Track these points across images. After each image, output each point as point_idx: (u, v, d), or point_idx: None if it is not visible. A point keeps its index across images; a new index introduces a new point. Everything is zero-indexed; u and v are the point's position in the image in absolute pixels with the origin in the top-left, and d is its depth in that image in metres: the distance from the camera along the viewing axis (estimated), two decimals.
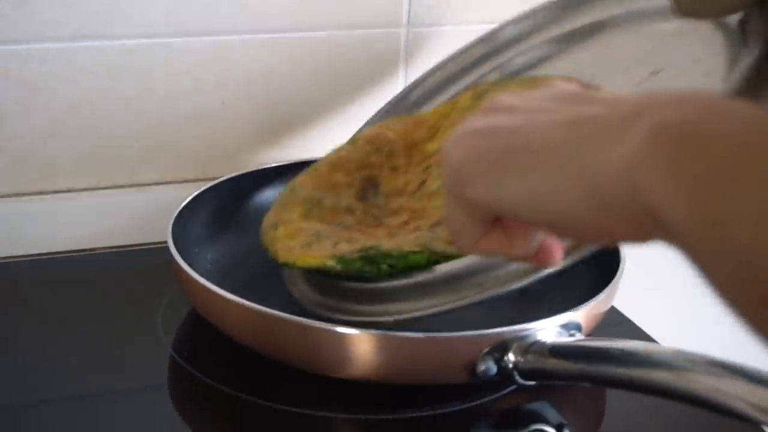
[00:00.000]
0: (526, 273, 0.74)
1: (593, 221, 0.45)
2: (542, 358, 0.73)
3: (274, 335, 0.76)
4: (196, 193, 0.93)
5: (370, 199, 0.85)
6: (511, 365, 0.74)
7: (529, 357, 0.73)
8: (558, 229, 0.50)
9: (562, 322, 0.76)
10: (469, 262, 0.77)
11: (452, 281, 0.77)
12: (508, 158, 0.48)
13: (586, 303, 0.78)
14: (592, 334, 0.80)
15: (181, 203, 0.91)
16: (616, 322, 0.89)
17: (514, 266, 0.75)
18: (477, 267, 0.77)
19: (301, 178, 0.88)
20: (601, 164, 0.44)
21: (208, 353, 0.83)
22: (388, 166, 0.87)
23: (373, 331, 0.74)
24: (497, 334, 0.74)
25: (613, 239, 0.49)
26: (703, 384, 0.63)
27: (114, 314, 0.89)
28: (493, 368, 0.74)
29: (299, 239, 0.79)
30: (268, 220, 0.84)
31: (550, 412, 0.78)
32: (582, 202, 0.45)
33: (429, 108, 0.94)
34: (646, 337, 0.88)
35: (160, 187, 1.03)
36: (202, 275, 0.80)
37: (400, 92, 1.00)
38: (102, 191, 1.01)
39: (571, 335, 0.76)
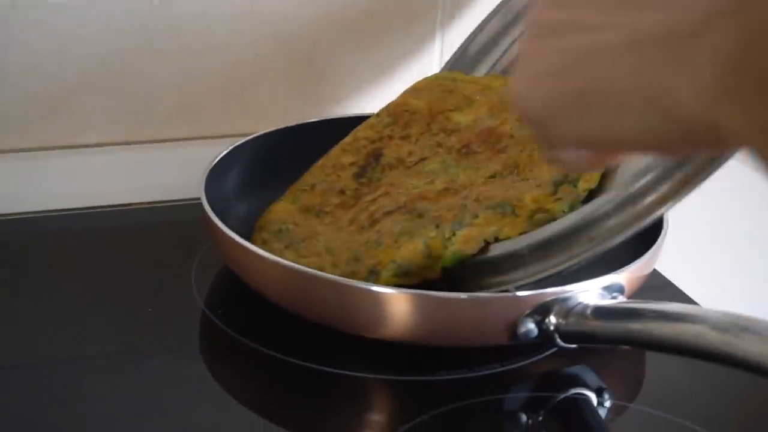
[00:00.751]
0: (632, 223, 0.73)
1: (678, 146, 0.45)
2: (584, 321, 0.71)
3: (309, 294, 0.75)
4: (229, 149, 0.91)
5: (368, 174, 0.85)
6: (552, 327, 0.71)
7: (571, 319, 0.71)
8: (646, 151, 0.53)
9: (605, 284, 0.74)
10: (575, 219, 0.75)
11: (564, 240, 0.75)
12: (583, 101, 0.46)
13: (629, 265, 0.76)
14: (634, 297, 0.78)
15: (214, 159, 0.89)
16: (658, 286, 0.86)
17: (621, 217, 0.74)
18: (586, 222, 0.75)
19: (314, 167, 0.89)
20: (674, 99, 0.41)
21: (240, 311, 0.82)
22: (399, 135, 0.87)
23: (410, 291, 0.73)
24: (538, 295, 0.72)
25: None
26: (751, 347, 0.61)
27: (146, 271, 0.88)
28: (534, 330, 0.72)
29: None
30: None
31: (590, 376, 0.77)
32: (664, 135, 0.43)
33: (487, 65, 0.93)
34: (689, 300, 0.86)
35: (193, 142, 1.02)
36: (234, 232, 0.78)
37: (458, 48, 0.96)
38: (133, 146, 1.00)
39: (614, 297, 0.74)
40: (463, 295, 0.73)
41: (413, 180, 0.83)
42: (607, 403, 0.74)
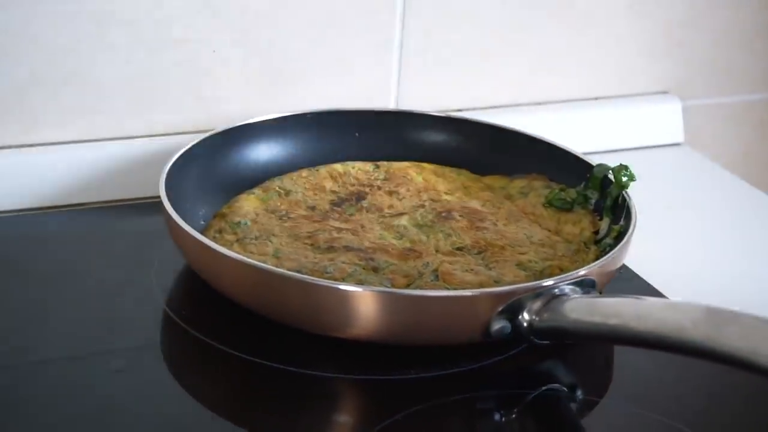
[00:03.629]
0: None
1: None
2: (558, 317, 0.71)
3: (273, 293, 0.73)
4: (188, 146, 0.89)
5: (345, 206, 0.87)
6: (525, 324, 0.71)
7: (545, 315, 0.71)
8: None
9: (576, 280, 0.73)
10: None
11: None
12: None
13: (600, 260, 0.76)
14: (604, 291, 0.77)
15: (172, 157, 0.87)
16: (626, 278, 0.86)
17: None
18: None
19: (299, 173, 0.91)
20: None
21: (202, 310, 0.80)
22: (388, 189, 0.91)
23: (379, 289, 0.72)
24: (509, 291, 0.71)
25: None
26: (734, 341, 0.60)
27: (105, 271, 0.85)
28: (508, 327, 0.71)
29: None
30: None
31: (562, 372, 0.76)
32: None
33: None
34: (657, 293, 0.86)
35: (150, 139, 0.99)
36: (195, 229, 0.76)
37: None
38: (88, 144, 0.98)
39: (586, 293, 0.73)
40: (432, 293, 0.72)
41: (382, 230, 0.84)
42: (579, 398, 0.74)
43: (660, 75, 1.20)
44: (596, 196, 0.86)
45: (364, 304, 0.71)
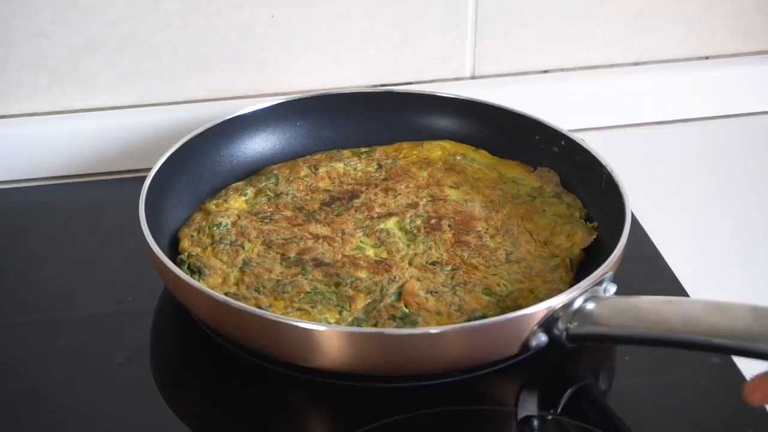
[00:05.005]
0: None
1: None
2: (590, 320, 0.70)
3: (232, 324, 0.72)
4: (186, 139, 0.87)
5: (335, 206, 0.86)
6: (561, 333, 0.69)
7: (575, 323, 0.69)
8: None
9: (597, 281, 0.71)
10: None
11: None
12: None
13: (611, 256, 0.74)
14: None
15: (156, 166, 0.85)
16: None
17: None
18: None
19: (294, 169, 0.90)
20: None
21: None
22: (384, 187, 0.89)
23: (316, 326, 0.70)
24: (549, 307, 0.69)
25: None
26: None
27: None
28: (545, 340, 0.70)
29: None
30: None
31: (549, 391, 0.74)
32: None
33: None
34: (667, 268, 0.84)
35: (207, 104, 0.98)
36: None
37: None
38: (146, 108, 0.98)
39: (606, 291, 0.72)
40: (474, 324, 0.70)
41: (363, 236, 0.83)
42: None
43: None
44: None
45: (308, 338, 0.69)
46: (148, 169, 0.84)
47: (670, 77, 1.06)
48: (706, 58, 1.08)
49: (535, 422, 0.71)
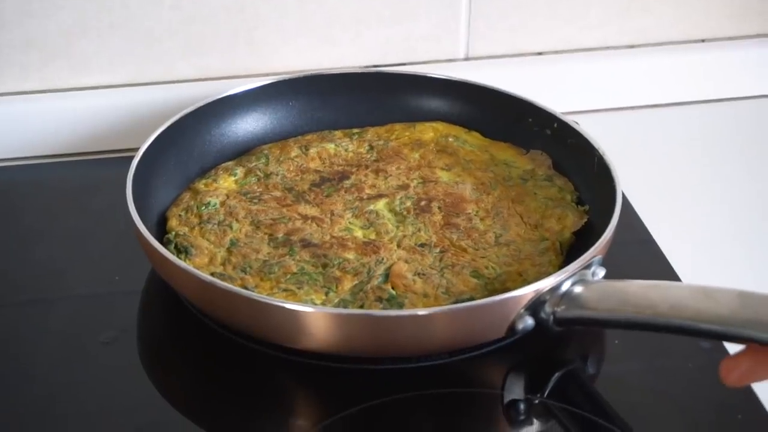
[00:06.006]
0: None
1: None
2: (577, 304, 0.69)
3: (220, 304, 0.72)
4: (173, 119, 0.86)
5: (325, 187, 0.86)
6: (548, 317, 0.69)
7: (562, 306, 0.69)
8: None
9: (586, 264, 0.71)
10: None
11: None
12: None
13: (600, 239, 0.73)
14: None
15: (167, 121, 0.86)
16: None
17: None
18: None
19: (285, 149, 0.90)
20: None
21: None
22: (375, 168, 0.88)
23: (301, 307, 0.70)
24: (535, 291, 0.69)
25: None
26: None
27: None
28: (532, 323, 0.69)
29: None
30: None
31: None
32: None
33: None
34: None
35: (199, 83, 0.97)
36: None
37: None
38: (138, 87, 0.97)
39: (594, 275, 0.71)
40: (460, 306, 0.70)
41: (352, 217, 0.82)
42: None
43: None
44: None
45: (294, 319, 0.69)
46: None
47: (665, 60, 1.06)
48: (702, 41, 1.07)
49: (522, 406, 0.70)
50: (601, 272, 0.72)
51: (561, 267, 0.75)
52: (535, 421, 0.71)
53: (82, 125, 0.96)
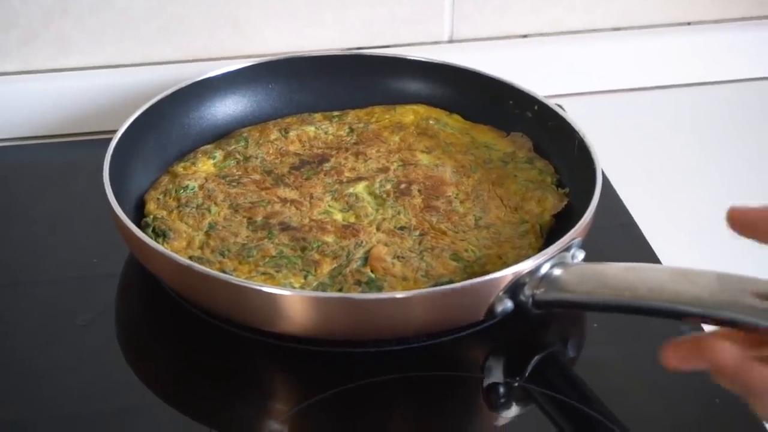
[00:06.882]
0: None
1: None
2: (557, 286, 0.69)
3: (197, 288, 0.72)
4: (149, 104, 0.85)
5: (304, 170, 0.85)
6: (527, 299, 0.69)
7: (541, 289, 0.69)
8: None
9: (566, 246, 0.71)
10: None
11: None
12: None
13: (580, 221, 0.73)
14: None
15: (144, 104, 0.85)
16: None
17: None
18: None
19: (264, 132, 0.89)
20: None
21: None
22: (355, 151, 0.88)
23: (279, 290, 0.70)
24: (515, 273, 0.69)
25: None
26: (753, 308, 0.58)
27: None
28: (511, 305, 0.69)
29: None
30: None
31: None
32: None
33: None
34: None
35: (182, 65, 0.97)
36: None
37: None
38: (119, 69, 0.97)
39: (573, 257, 0.71)
40: (439, 289, 0.70)
41: (332, 200, 0.82)
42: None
43: None
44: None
45: (272, 303, 0.68)
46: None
47: (650, 43, 1.05)
48: (688, 24, 1.07)
49: (501, 389, 0.70)
50: (581, 255, 0.72)
51: (541, 250, 0.75)
52: (513, 404, 0.70)
53: (61, 107, 0.95)
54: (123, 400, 0.69)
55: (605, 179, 0.79)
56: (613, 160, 0.80)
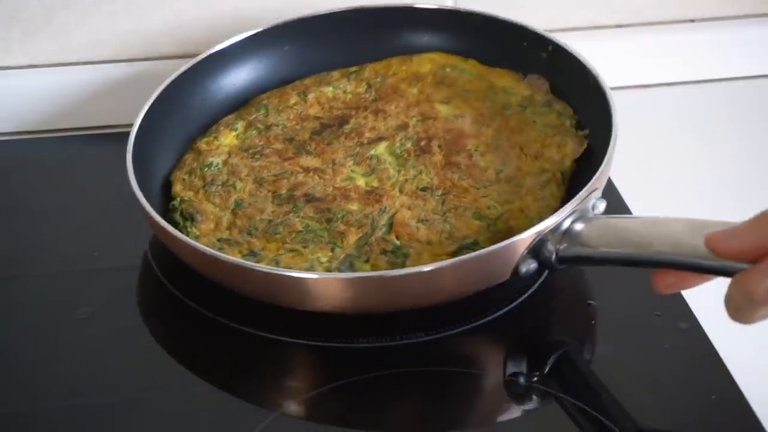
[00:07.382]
0: None
1: None
2: (580, 242, 0.69)
3: (226, 275, 0.72)
4: (165, 84, 0.86)
5: (325, 134, 0.86)
6: (551, 256, 0.69)
7: (564, 244, 0.69)
8: None
9: (587, 199, 0.71)
10: None
11: None
12: None
13: (597, 172, 0.73)
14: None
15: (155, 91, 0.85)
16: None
17: None
18: None
19: (284, 97, 0.90)
20: None
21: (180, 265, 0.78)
22: (374, 108, 0.88)
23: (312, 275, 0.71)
24: (538, 232, 0.69)
25: None
26: None
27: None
28: (535, 265, 0.70)
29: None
30: None
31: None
32: None
33: None
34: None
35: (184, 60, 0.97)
36: None
37: None
38: (120, 64, 0.97)
39: (594, 208, 0.71)
40: (463, 258, 0.69)
41: (354, 164, 0.82)
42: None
43: None
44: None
45: (300, 286, 0.69)
46: (124, 125, 0.83)
47: (653, 40, 1.04)
48: (691, 21, 1.06)
49: (509, 384, 0.70)
50: (602, 205, 0.72)
51: (563, 198, 0.76)
52: (514, 401, 0.70)
53: (65, 101, 0.96)
54: (121, 396, 0.70)
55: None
56: (616, 158, 0.80)
